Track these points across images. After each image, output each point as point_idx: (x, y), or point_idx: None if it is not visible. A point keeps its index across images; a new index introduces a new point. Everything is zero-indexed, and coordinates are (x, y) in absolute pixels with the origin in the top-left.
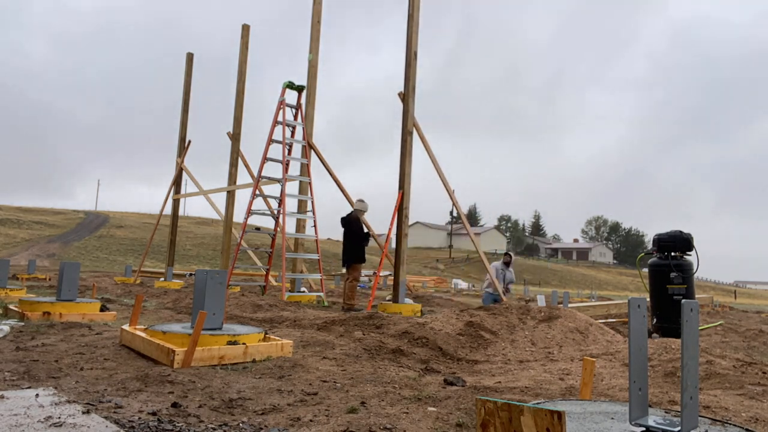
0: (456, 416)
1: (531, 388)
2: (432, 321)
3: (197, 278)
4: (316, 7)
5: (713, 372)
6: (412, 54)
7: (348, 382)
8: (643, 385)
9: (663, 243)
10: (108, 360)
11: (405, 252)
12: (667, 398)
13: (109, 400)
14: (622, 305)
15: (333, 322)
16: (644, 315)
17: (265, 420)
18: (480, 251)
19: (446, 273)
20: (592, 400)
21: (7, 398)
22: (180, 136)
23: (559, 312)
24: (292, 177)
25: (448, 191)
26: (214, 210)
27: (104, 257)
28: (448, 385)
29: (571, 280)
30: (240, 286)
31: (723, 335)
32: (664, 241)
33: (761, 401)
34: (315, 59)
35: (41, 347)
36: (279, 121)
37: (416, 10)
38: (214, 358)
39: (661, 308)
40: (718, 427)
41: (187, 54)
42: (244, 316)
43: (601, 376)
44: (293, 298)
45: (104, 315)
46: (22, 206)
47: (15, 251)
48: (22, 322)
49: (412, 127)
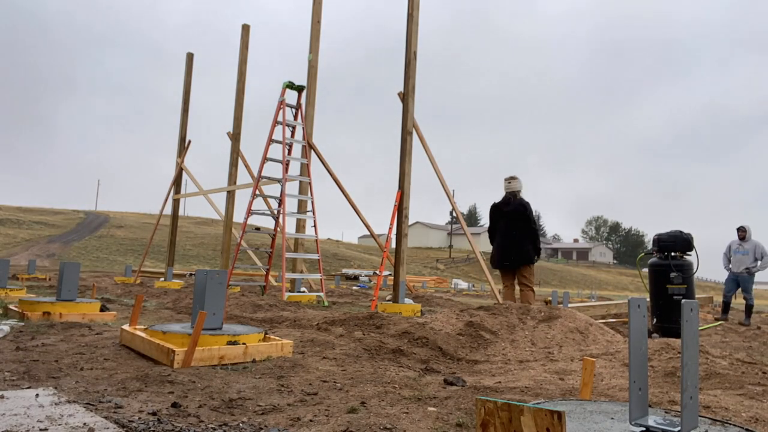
0: (456, 416)
1: (531, 388)
2: (432, 321)
3: (197, 278)
4: (316, 7)
5: (713, 372)
6: (412, 54)
7: (348, 382)
8: (643, 385)
9: (663, 243)
10: (108, 360)
11: (405, 252)
12: (667, 398)
13: (109, 400)
14: (622, 305)
15: (333, 322)
16: (644, 315)
17: (265, 420)
18: (477, 252)
19: (446, 273)
20: (592, 400)
21: (7, 398)
22: (180, 136)
23: (559, 312)
24: (292, 177)
25: (447, 192)
26: (214, 210)
27: (104, 257)
28: (448, 385)
29: (571, 280)
30: (240, 286)
31: (723, 335)
32: (664, 241)
33: (761, 401)
34: (315, 59)
35: (41, 347)
36: (279, 121)
37: (416, 10)
38: (214, 358)
39: (661, 308)
40: (718, 427)
41: (187, 54)
42: (244, 316)
43: (601, 376)
44: (293, 298)
45: (104, 315)
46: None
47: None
48: (22, 322)
49: (412, 127)
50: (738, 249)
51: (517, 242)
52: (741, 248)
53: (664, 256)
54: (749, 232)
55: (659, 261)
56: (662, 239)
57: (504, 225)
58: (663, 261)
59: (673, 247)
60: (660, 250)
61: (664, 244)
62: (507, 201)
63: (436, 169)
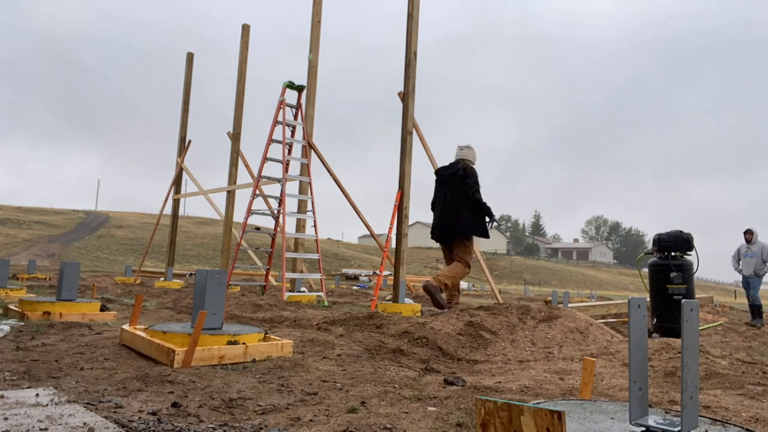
0: (456, 416)
1: (531, 388)
2: (432, 321)
3: (197, 278)
4: (316, 7)
5: (713, 372)
6: (412, 53)
7: (348, 382)
8: (643, 385)
9: (663, 243)
10: (108, 360)
11: (405, 252)
12: (667, 398)
13: (109, 400)
14: (622, 305)
15: (333, 322)
16: (644, 315)
17: (265, 420)
18: (477, 252)
19: None
20: (592, 400)
21: (7, 398)
22: (180, 136)
23: (559, 312)
24: (292, 177)
25: None
26: (214, 210)
27: (104, 257)
28: (448, 385)
29: (571, 280)
30: (240, 286)
31: (723, 335)
32: (664, 241)
33: (761, 401)
34: (315, 59)
35: (41, 347)
36: (279, 121)
37: (416, 10)
38: (214, 357)
39: (661, 308)
40: (718, 427)
41: (187, 54)
42: (244, 316)
43: (601, 376)
44: (293, 298)
45: (104, 315)
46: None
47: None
48: (22, 321)
49: (412, 127)
50: (747, 252)
51: (453, 212)
52: (749, 251)
53: (664, 256)
54: (755, 235)
55: (659, 261)
56: (662, 239)
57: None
58: (663, 261)
59: (673, 247)
60: (660, 250)
61: (664, 244)
62: (450, 165)
63: None
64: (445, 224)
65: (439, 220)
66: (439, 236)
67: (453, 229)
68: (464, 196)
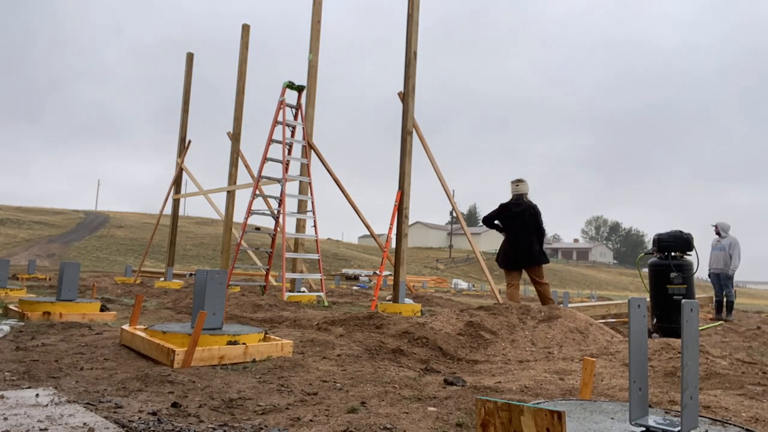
0: (456, 416)
1: (531, 388)
2: (432, 321)
3: (197, 278)
4: (316, 7)
5: (713, 372)
6: (412, 53)
7: (348, 382)
8: (643, 385)
9: (663, 243)
10: (108, 360)
11: (405, 252)
12: (667, 398)
13: (109, 400)
14: (622, 305)
15: (333, 322)
16: (644, 315)
17: (265, 420)
18: (477, 252)
19: (446, 273)
20: (592, 400)
21: (7, 398)
22: (180, 136)
23: (559, 312)
24: (292, 177)
25: (447, 192)
26: (214, 210)
27: (104, 257)
28: (448, 385)
29: (571, 280)
30: (240, 286)
31: (723, 335)
32: (664, 241)
33: (761, 401)
34: (315, 59)
35: (41, 347)
36: (279, 121)
37: (416, 10)
38: (214, 358)
39: (661, 308)
40: (718, 427)
41: (187, 54)
42: (244, 316)
43: (601, 376)
44: (293, 298)
45: (104, 315)
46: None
47: (15, 251)
48: (22, 322)
49: (412, 127)
50: (716, 245)
51: (529, 243)
52: (719, 245)
53: (664, 256)
54: (722, 228)
55: (659, 261)
56: (662, 239)
57: (516, 226)
58: (663, 261)
59: (673, 247)
60: (660, 250)
61: (664, 244)
62: (517, 202)
63: (436, 169)
64: (521, 254)
65: (516, 249)
66: (514, 264)
67: (529, 259)
68: (534, 229)
